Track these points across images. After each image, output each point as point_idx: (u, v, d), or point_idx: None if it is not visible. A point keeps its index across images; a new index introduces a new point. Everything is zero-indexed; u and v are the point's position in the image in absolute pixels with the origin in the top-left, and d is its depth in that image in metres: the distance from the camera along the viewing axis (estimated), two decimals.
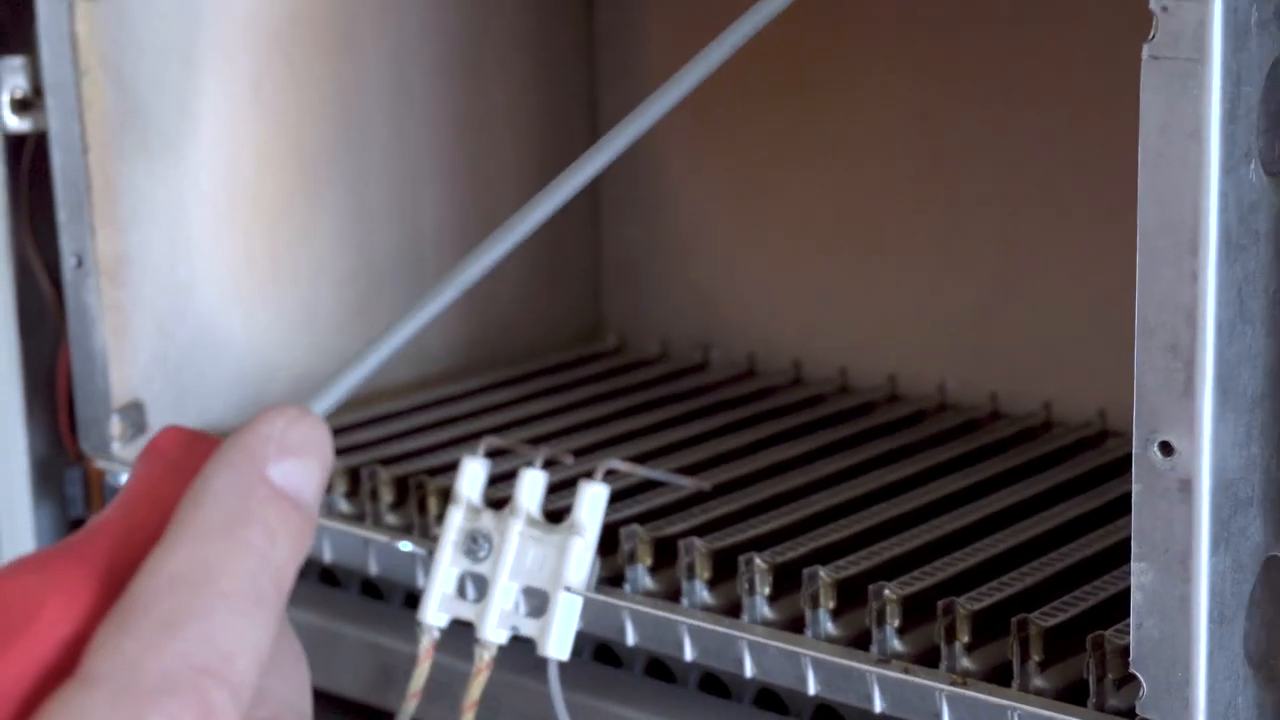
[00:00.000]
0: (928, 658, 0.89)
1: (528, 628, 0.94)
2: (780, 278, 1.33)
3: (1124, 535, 0.80)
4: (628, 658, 1.02)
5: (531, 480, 0.95)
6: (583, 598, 0.93)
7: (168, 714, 0.48)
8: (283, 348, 1.21)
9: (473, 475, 0.96)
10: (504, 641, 0.94)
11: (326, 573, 1.13)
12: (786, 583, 0.95)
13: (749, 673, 0.93)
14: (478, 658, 0.94)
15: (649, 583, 0.99)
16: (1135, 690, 0.78)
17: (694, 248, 1.37)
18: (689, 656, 0.95)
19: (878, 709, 0.89)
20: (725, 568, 0.97)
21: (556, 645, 0.93)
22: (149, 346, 1.14)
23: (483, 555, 0.95)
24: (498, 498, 0.96)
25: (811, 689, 0.91)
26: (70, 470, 1.21)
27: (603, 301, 1.42)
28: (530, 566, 0.94)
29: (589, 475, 0.94)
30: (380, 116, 1.25)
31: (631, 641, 0.97)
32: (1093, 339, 1.16)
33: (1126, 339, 0.75)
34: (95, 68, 1.09)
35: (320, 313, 1.23)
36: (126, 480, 0.55)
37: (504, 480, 0.97)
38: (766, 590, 0.95)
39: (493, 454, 0.98)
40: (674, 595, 0.97)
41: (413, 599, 1.02)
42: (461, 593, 0.95)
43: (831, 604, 0.93)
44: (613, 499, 0.95)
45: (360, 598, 1.12)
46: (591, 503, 0.93)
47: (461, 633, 0.95)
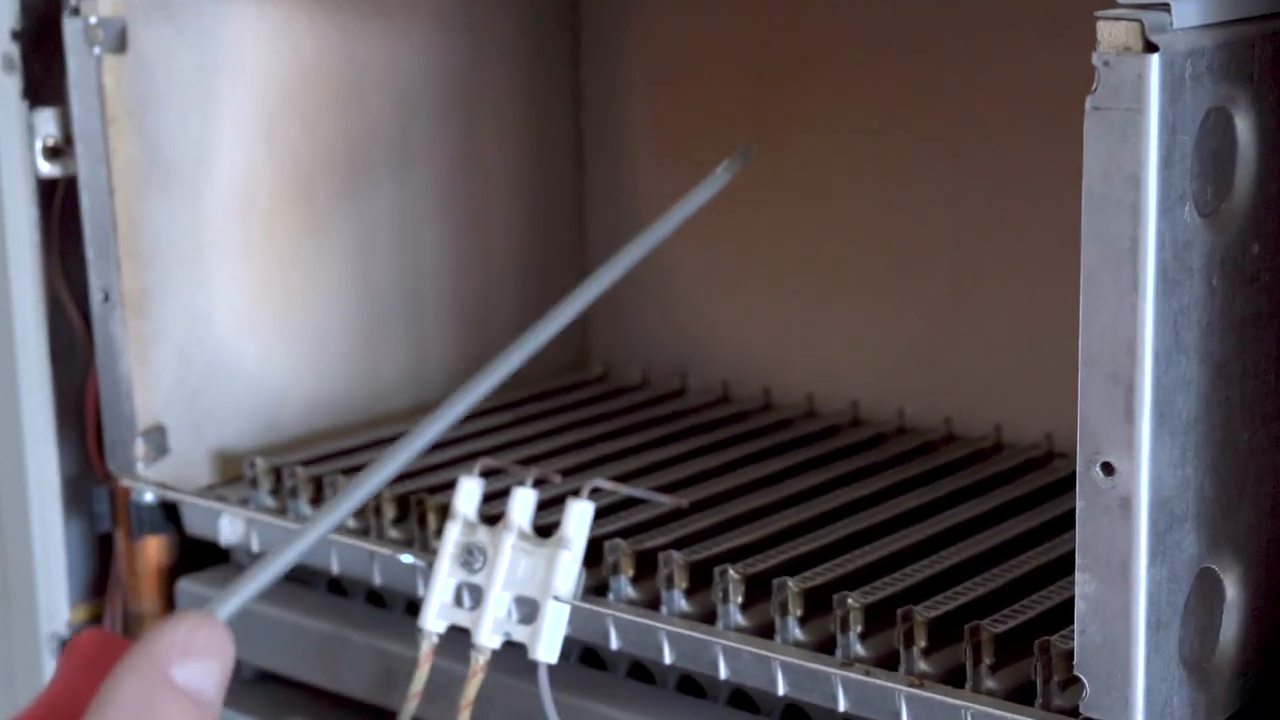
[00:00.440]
0: (888, 661, 0.89)
1: (519, 634, 0.93)
2: (751, 312, 1.33)
3: (1068, 548, 0.79)
4: (611, 661, 1.01)
5: (523, 498, 0.95)
6: (570, 606, 0.93)
7: None
8: (293, 375, 1.21)
9: (469, 493, 0.96)
10: (497, 646, 0.94)
11: (334, 583, 1.12)
12: (757, 592, 0.95)
13: (723, 675, 0.93)
14: (473, 661, 0.94)
15: (631, 592, 0.98)
16: (1079, 691, 0.78)
17: (672, 286, 1.37)
18: (668, 660, 0.95)
19: (842, 709, 0.88)
20: (701, 578, 0.97)
21: (546, 650, 0.92)
22: (170, 374, 1.14)
23: (478, 567, 0.95)
24: (492, 514, 0.96)
25: (781, 690, 0.91)
26: (98, 488, 1.20)
27: (588, 334, 1.42)
28: (521, 577, 0.94)
29: (576, 493, 0.94)
30: (384, 164, 1.25)
31: (615, 646, 0.96)
32: (1040, 367, 1.16)
33: (1071, 367, 0.74)
34: (121, 118, 1.09)
35: (328, 343, 1.23)
36: (50, 678, 0.56)
37: (497, 498, 0.97)
38: (739, 599, 0.94)
39: (487, 474, 0.98)
40: (654, 604, 0.97)
41: (413, 607, 1.01)
42: (458, 601, 0.95)
43: (799, 611, 0.92)
44: (597, 515, 0.95)
45: (365, 606, 1.11)
46: (578, 518, 0.93)
47: (458, 638, 0.95)
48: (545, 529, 0.95)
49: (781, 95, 1.27)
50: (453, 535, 0.95)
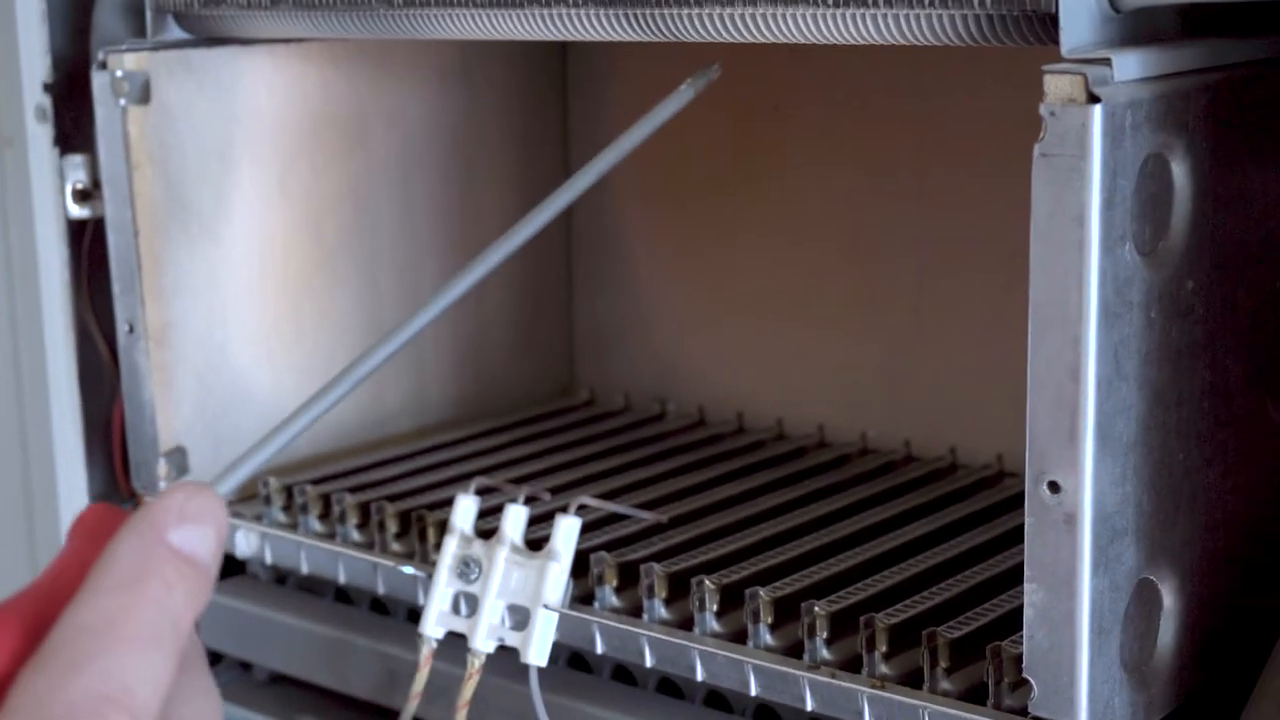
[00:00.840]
0: (851, 664, 0.89)
1: (512, 639, 0.93)
2: (725, 343, 1.32)
3: (1018, 560, 0.79)
4: (597, 665, 1.01)
5: (515, 514, 0.94)
6: (559, 614, 0.92)
7: None
8: (304, 401, 1.20)
9: (465, 510, 0.96)
10: (492, 650, 0.94)
11: (341, 592, 1.12)
12: (731, 601, 0.95)
13: (699, 677, 0.92)
14: (470, 664, 0.93)
15: (615, 601, 0.98)
16: (1028, 692, 0.77)
17: (652, 317, 1.37)
18: (648, 663, 0.94)
19: (809, 708, 0.88)
20: (679, 588, 0.96)
21: (536, 654, 0.92)
22: (190, 400, 1.13)
23: (474, 578, 0.94)
24: (487, 529, 0.96)
25: (753, 691, 0.90)
26: (124, 506, 1.20)
27: (575, 363, 1.41)
28: (514, 587, 0.93)
29: (564, 510, 0.93)
30: (388, 206, 1.25)
31: (600, 651, 0.96)
32: (991, 393, 1.16)
33: (1020, 393, 0.74)
34: (145, 164, 1.08)
35: (336, 372, 1.22)
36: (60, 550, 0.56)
37: (492, 514, 0.97)
38: (714, 607, 0.94)
39: (482, 492, 0.97)
40: (636, 612, 0.97)
41: (414, 614, 1.01)
42: (456, 609, 0.95)
43: (769, 619, 0.92)
44: (583, 530, 0.95)
45: (369, 614, 1.11)
46: (566, 533, 0.93)
47: (456, 643, 0.94)
48: (536, 543, 0.94)
49: (756, 141, 1.27)
50: (450, 548, 0.95)
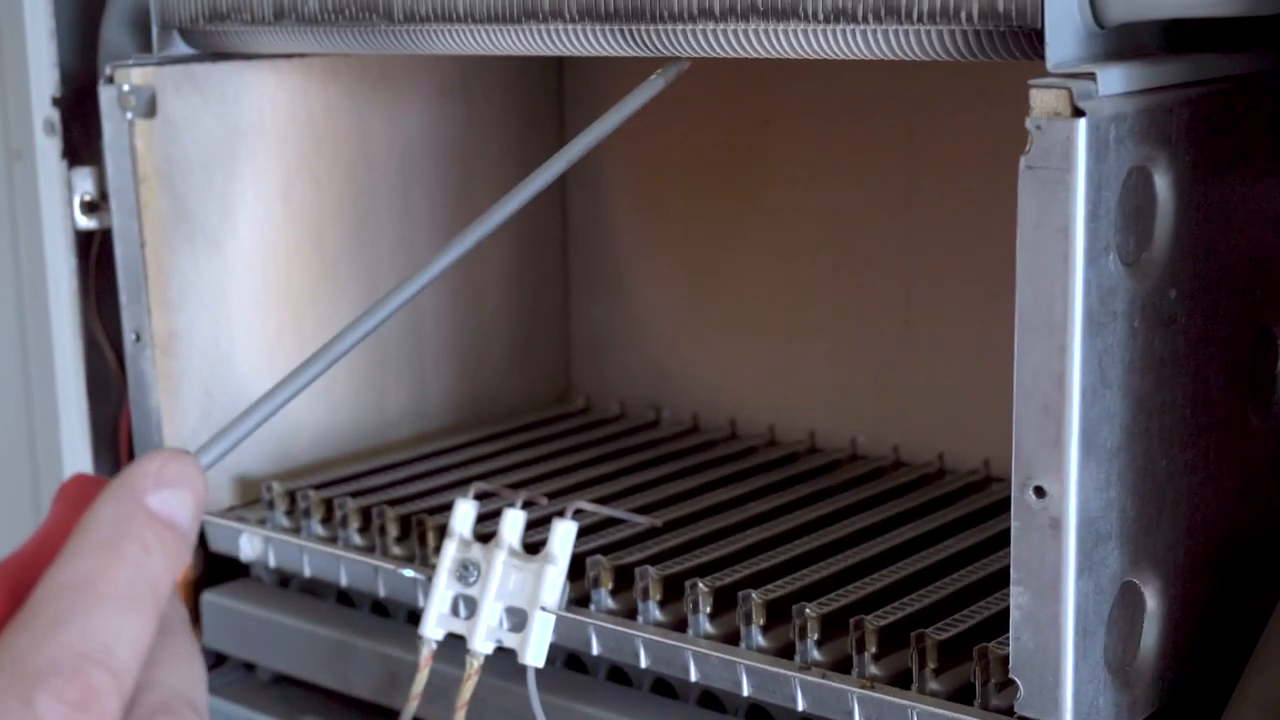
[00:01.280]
0: (842, 665, 0.89)
1: (510, 640, 0.93)
2: (718, 351, 1.32)
3: (1004, 564, 0.79)
4: (593, 666, 1.01)
5: (513, 518, 0.94)
6: (555, 616, 0.92)
7: (54, 690, 0.49)
8: (306, 410, 1.20)
9: (464, 514, 0.96)
10: (490, 652, 0.94)
11: (343, 595, 1.12)
12: (724, 603, 0.95)
13: (693, 678, 0.92)
14: (468, 665, 0.93)
15: (610, 603, 0.98)
16: (1014, 692, 0.77)
17: (647, 326, 1.37)
18: (643, 664, 0.94)
19: (800, 708, 0.88)
20: (673, 591, 0.96)
21: (534, 655, 0.92)
22: (196, 407, 1.13)
23: (472, 580, 0.94)
24: (485, 533, 0.96)
25: (745, 691, 0.90)
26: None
27: (572, 371, 1.41)
28: (512, 590, 0.93)
29: (561, 514, 0.93)
30: (389, 218, 1.25)
31: (596, 652, 0.96)
32: (979, 400, 1.16)
33: (1007, 400, 0.74)
34: (151, 176, 1.08)
35: (338, 381, 1.22)
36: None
37: (490, 518, 0.97)
38: (708, 609, 0.94)
39: (481, 496, 0.97)
40: (631, 614, 0.97)
41: (414, 617, 1.01)
42: (455, 611, 0.95)
43: (761, 620, 0.92)
44: (580, 534, 0.95)
45: (371, 616, 1.11)
46: (563, 537, 0.93)
47: (455, 645, 0.94)
48: (533, 546, 0.94)
49: (748, 154, 1.27)
50: (450, 552, 0.95)
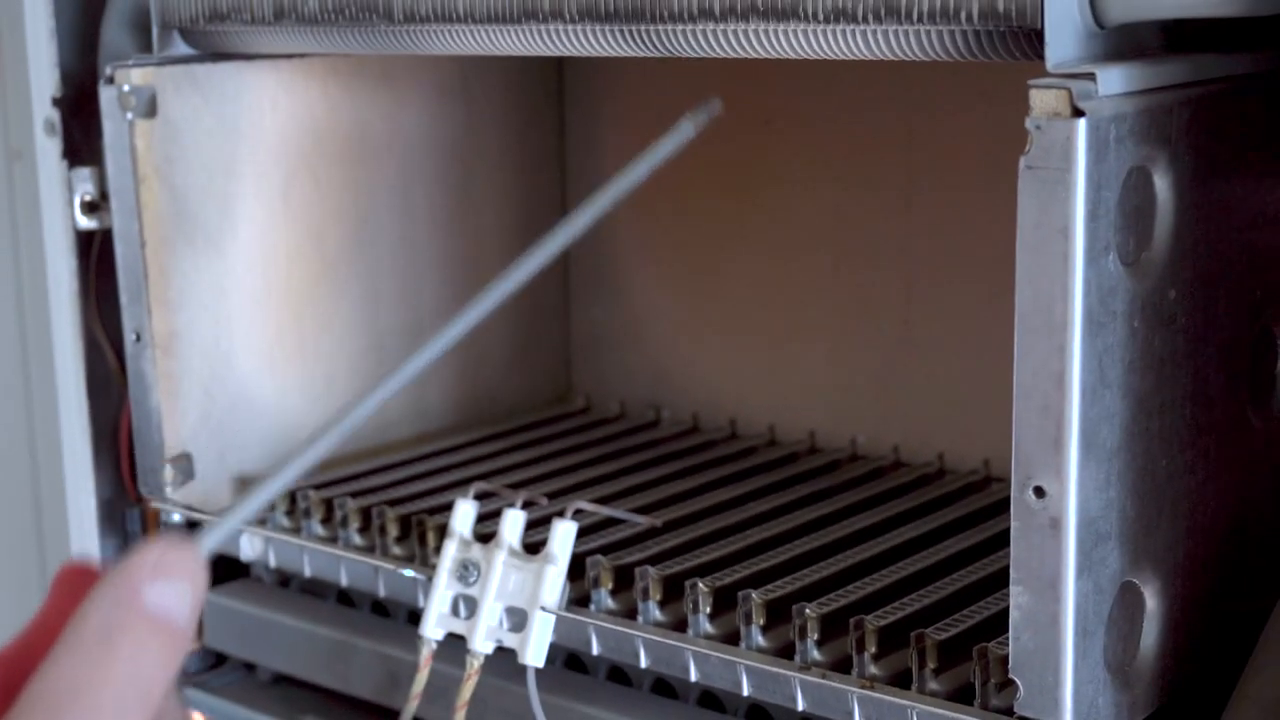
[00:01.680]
0: (842, 665, 0.89)
1: (510, 640, 0.93)
2: (719, 350, 1.32)
3: (1004, 564, 0.79)
4: (593, 666, 1.01)
5: (513, 518, 0.94)
6: (555, 616, 0.92)
7: None
8: (307, 410, 1.20)
9: (464, 514, 0.96)
10: (490, 652, 0.93)
11: (343, 595, 1.12)
12: (724, 603, 0.94)
13: (693, 678, 0.92)
14: (468, 665, 0.93)
15: (610, 603, 0.98)
16: (1014, 692, 0.77)
17: (647, 326, 1.37)
18: (643, 664, 0.94)
19: (800, 708, 0.88)
20: (673, 591, 0.96)
21: (534, 655, 0.92)
22: (196, 407, 1.13)
23: (472, 580, 0.94)
24: (485, 533, 0.96)
25: (745, 691, 0.90)
26: (131, 510, 1.20)
27: (572, 371, 1.41)
28: (512, 590, 0.93)
29: (561, 514, 0.93)
30: (389, 219, 1.25)
31: (596, 652, 0.96)
32: (978, 400, 1.16)
33: (1006, 400, 0.74)
34: (151, 176, 1.08)
35: (338, 381, 1.22)
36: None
37: (490, 518, 0.97)
38: (708, 609, 0.94)
39: (481, 497, 0.97)
40: (631, 614, 0.96)
41: (414, 617, 1.01)
42: (455, 611, 0.95)
43: (761, 620, 0.92)
44: (579, 534, 0.95)
45: (371, 616, 1.11)
46: (563, 537, 0.93)
47: (455, 644, 0.94)
48: (533, 546, 0.94)
49: (748, 155, 1.27)
50: (450, 552, 0.95)
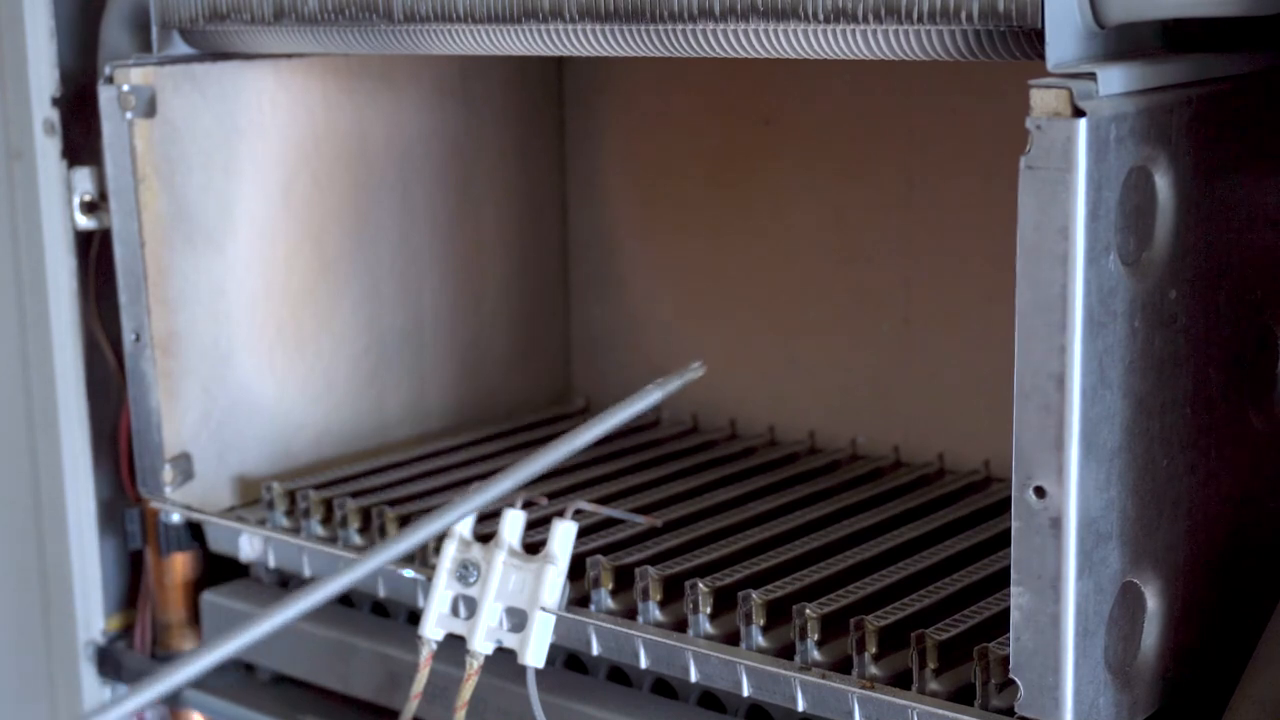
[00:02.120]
0: (842, 666, 0.88)
1: (510, 641, 0.93)
2: (718, 350, 1.32)
3: (1004, 564, 0.79)
4: (593, 666, 1.01)
5: (513, 519, 0.94)
6: (555, 616, 0.92)
7: None
8: (306, 409, 1.20)
9: None
10: (490, 652, 0.93)
11: (343, 595, 1.12)
12: (724, 603, 0.94)
13: (693, 678, 0.92)
14: (468, 665, 0.93)
15: (610, 604, 0.98)
16: (1014, 692, 0.77)
17: (646, 327, 1.36)
18: (643, 665, 0.94)
19: (800, 708, 0.88)
20: (673, 591, 0.96)
21: (534, 655, 0.92)
22: (195, 407, 1.13)
23: (472, 581, 0.94)
24: (485, 533, 0.96)
25: (745, 691, 0.90)
26: (130, 510, 1.20)
27: (571, 370, 1.41)
28: (512, 590, 0.93)
29: (561, 514, 0.93)
30: (388, 219, 1.25)
31: (596, 652, 0.96)
32: (978, 401, 1.16)
33: (1007, 400, 0.74)
34: (151, 176, 1.08)
35: (338, 381, 1.22)
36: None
37: (490, 519, 0.97)
38: (708, 610, 0.94)
39: None
40: (631, 614, 0.96)
41: (414, 617, 1.01)
42: (455, 612, 0.95)
43: (761, 621, 0.92)
44: (579, 534, 0.95)
45: (371, 616, 1.11)
46: (562, 537, 0.93)
47: (455, 645, 0.94)
48: (533, 547, 0.94)
49: (748, 154, 1.27)
50: (450, 552, 0.95)
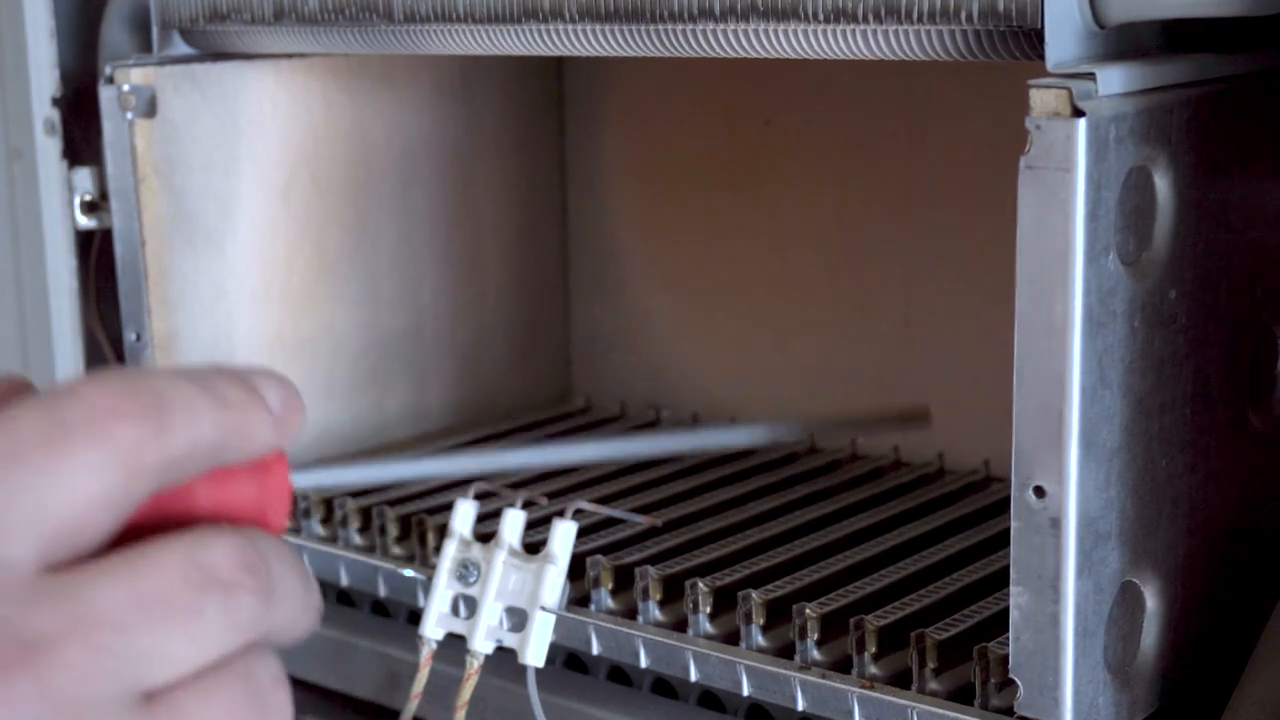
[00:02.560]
0: (842, 665, 0.88)
1: (510, 640, 0.93)
2: (717, 349, 1.32)
3: (1004, 564, 0.79)
4: (593, 665, 1.01)
5: (513, 518, 0.94)
6: (555, 615, 0.92)
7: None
8: (305, 409, 1.20)
9: (464, 514, 0.95)
10: (490, 652, 0.93)
11: (343, 595, 1.12)
12: (724, 603, 0.94)
13: (693, 678, 0.92)
14: (468, 665, 0.93)
15: (610, 603, 0.98)
16: (1014, 692, 0.77)
17: (647, 326, 1.36)
18: (643, 664, 0.94)
19: (800, 708, 0.88)
20: (673, 591, 0.96)
21: (534, 655, 0.92)
22: None
23: (472, 580, 0.94)
24: (485, 533, 0.95)
25: (745, 691, 0.90)
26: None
27: (572, 370, 1.41)
28: (512, 589, 0.93)
29: (561, 514, 0.93)
30: (388, 220, 1.25)
31: (596, 652, 0.96)
32: (978, 401, 1.15)
33: (1006, 400, 0.74)
34: (151, 176, 1.08)
35: (338, 382, 1.22)
36: None
37: (490, 518, 0.96)
38: (708, 609, 0.94)
39: (481, 496, 0.97)
40: (631, 614, 0.96)
41: (414, 616, 1.01)
42: (455, 611, 0.94)
43: (761, 620, 0.92)
44: (580, 534, 0.94)
45: (371, 616, 1.10)
46: (563, 536, 0.92)
47: (455, 644, 0.94)
48: (533, 546, 0.94)
49: (748, 154, 1.27)
50: (450, 552, 0.95)
